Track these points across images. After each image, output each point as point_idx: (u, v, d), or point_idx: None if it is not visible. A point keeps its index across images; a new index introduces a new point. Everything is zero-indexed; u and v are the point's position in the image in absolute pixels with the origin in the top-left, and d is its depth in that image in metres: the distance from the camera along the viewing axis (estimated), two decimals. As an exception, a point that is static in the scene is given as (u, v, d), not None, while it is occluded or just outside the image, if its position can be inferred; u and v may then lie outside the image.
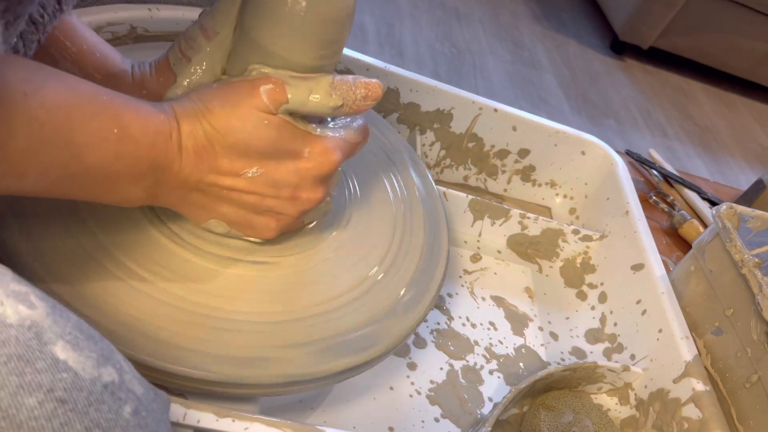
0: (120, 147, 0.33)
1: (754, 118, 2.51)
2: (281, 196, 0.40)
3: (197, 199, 0.39)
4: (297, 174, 0.40)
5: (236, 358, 0.39)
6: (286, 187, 0.40)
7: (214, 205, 0.40)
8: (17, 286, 0.25)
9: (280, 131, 0.38)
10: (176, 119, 0.36)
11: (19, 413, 0.23)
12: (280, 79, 0.38)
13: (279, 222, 0.42)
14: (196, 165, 0.37)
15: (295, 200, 0.41)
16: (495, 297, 0.67)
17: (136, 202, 0.37)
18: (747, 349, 0.55)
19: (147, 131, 0.34)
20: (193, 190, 0.38)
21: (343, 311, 0.45)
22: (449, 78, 1.90)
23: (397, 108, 0.70)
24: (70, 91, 0.31)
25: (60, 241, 0.40)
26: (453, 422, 0.54)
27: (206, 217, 0.41)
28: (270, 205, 0.40)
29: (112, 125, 0.33)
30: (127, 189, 0.35)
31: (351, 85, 0.40)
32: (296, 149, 0.39)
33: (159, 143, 0.35)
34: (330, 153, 0.40)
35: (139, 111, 0.34)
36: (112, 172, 0.34)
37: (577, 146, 0.76)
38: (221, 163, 0.37)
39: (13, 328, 0.24)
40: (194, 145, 0.36)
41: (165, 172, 0.36)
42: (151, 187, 0.36)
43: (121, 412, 0.26)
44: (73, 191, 0.34)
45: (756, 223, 0.64)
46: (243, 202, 0.40)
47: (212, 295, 0.41)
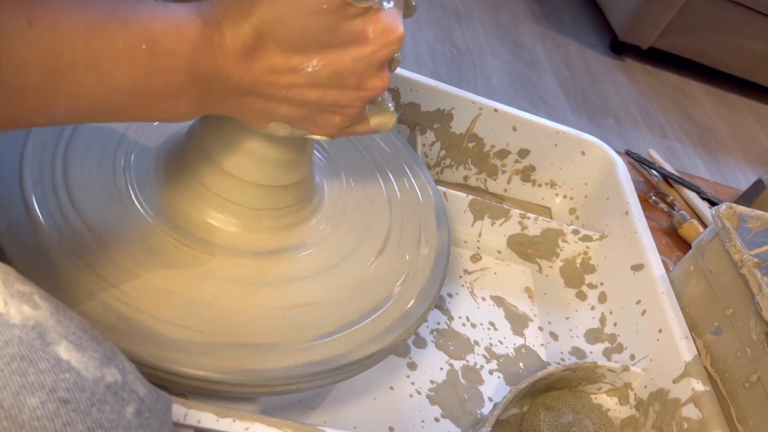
0: (152, 63, 0.30)
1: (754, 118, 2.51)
2: (345, 87, 0.36)
3: (254, 102, 0.35)
4: (362, 60, 0.35)
5: (236, 357, 0.39)
6: (351, 77, 0.35)
7: (272, 107, 0.36)
8: (21, 286, 0.25)
9: (340, 13, 0.33)
10: (217, 21, 0.32)
11: (21, 413, 0.23)
12: None
13: (344, 117, 0.38)
14: (247, 67, 0.33)
15: (361, 90, 0.36)
16: (495, 297, 0.67)
17: (187, 116, 0.34)
18: (746, 349, 0.55)
19: (182, 40, 0.31)
20: (247, 94, 0.35)
21: (343, 311, 0.45)
22: (449, 78, 1.90)
23: (397, 108, 0.71)
24: (83, 12, 0.28)
25: (60, 239, 0.40)
26: (453, 422, 0.54)
27: (266, 121, 0.37)
28: (333, 99, 0.36)
29: (140, 40, 0.29)
30: (172, 105, 0.32)
31: None
32: (358, 31, 0.34)
33: (198, 52, 0.31)
34: (394, 28, 0.35)
35: (170, 19, 0.31)
36: (148, 91, 0.31)
37: (576, 146, 0.76)
38: (275, 60, 0.33)
39: (16, 328, 0.24)
40: (242, 45, 0.32)
41: (212, 81, 0.33)
42: (199, 98, 0.33)
43: (124, 412, 0.26)
44: (111, 115, 0.31)
45: (755, 223, 0.64)
46: (304, 100, 0.36)
47: (210, 293, 0.41)
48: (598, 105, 2.13)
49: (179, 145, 0.45)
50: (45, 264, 0.38)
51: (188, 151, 0.44)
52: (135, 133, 0.48)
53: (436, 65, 1.94)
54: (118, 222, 0.42)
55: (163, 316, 0.39)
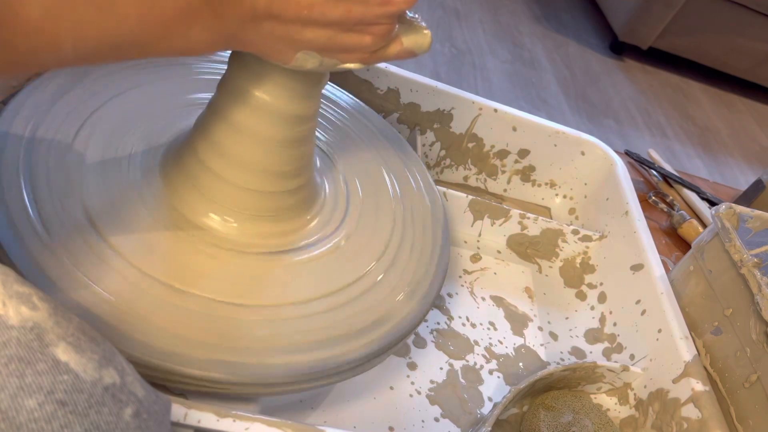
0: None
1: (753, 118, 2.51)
2: (371, 2, 0.34)
3: (274, 28, 0.33)
4: None
5: (236, 356, 0.39)
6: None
7: (295, 31, 0.34)
8: (20, 287, 0.25)
9: None
10: None
11: (19, 415, 0.23)
12: None
13: (374, 36, 0.36)
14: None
15: (387, 3, 0.34)
16: (495, 297, 0.67)
17: (206, 48, 0.32)
18: (746, 348, 0.55)
19: None
20: (266, 19, 0.32)
21: (343, 311, 0.45)
22: (449, 78, 1.90)
23: (397, 108, 0.70)
24: None
25: (61, 238, 0.40)
26: (453, 422, 0.54)
27: (292, 51, 0.35)
28: (360, 15, 0.34)
29: None
30: (186, 33, 0.30)
31: None
32: None
33: None
34: None
35: None
36: (155, 17, 0.29)
37: (576, 146, 0.76)
38: None
39: (14, 330, 0.24)
40: None
41: (225, 4, 0.31)
42: (213, 24, 0.31)
43: (122, 414, 0.26)
44: (120, 51, 0.29)
45: (755, 223, 0.64)
46: (327, 18, 0.33)
47: (212, 292, 0.41)
48: (598, 105, 2.13)
49: (177, 147, 0.46)
50: (45, 262, 0.38)
51: (184, 155, 0.44)
52: (140, 132, 0.48)
53: (436, 65, 1.94)
54: (120, 222, 0.42)
55: (163, 316, 0.39)
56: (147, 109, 0.50)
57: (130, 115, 0.49)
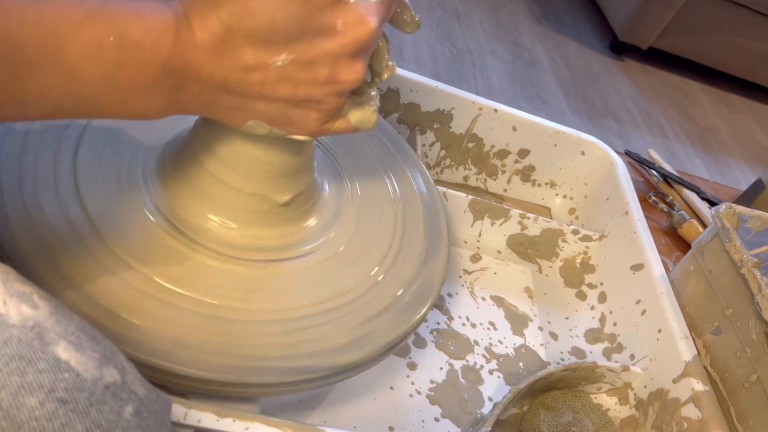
0: (120, 55, 0.30)
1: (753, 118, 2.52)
2: (317, 80, 0.35)
3: (227, 100, 0.35)
4: (332, 53, 0.35)
5: (236, 357, 0.39)
6: (322, 70, 0.35)
7: (246, 103, 0.36)
8: (21, 287, 0.25)
9: (307, 5, 0.33)
10: (185, 13, 0.32)
11: (20, 413, 0.23)
12: None
13: (320, 111, 0.38)
14: (217, 62, 0.33)
15: (333, 83, 0.36)
16: (495, 297, 0.67)
17: (160, 113, 0.34)
18: (746, 348, 0.55)
19: (150, 33, 0.30)
20: (220, 91, 0.34)
21: (343, 310, 0.45)
22: (449, 78, 1.90)
23: (397, 108, 0.71)
24: (50, 3, 0.28)
25: (61, 237, 0.40)
26: (453, 422, 0.54)
27: (243, 119, 0.37)
28: (307, 93, 0.36)
29: (107, 32, 0.29)
30: (143, 100, 0.32)
31: None
32: (327, 24, 0.34)
33: (166, 44, 0.31)
34: (365, 21, 0.34)
35: (138, 11, 0.31)
36: (117, 84, 0.30)
37: (576, 146, 0.76)
38: (245, 54, 0.33)
39: (15, 328, 0.24)
40: (211, 39, 0.32)
41: (183, 76, 0.32)
42: (170, 94, 0.33)
43: (123, 413, 0.26)
44: (81, 110, 0.31)
45: (755, 223, 0.64)
46: (277, 95, 0.35)
47: (212, 293, 0.41)
48: (598, 105, 2.13)
49: (176, 149, 0.45)
50: (44, 264, 0.38)
51: (183, 157, 0.44)
52: (141, 132, 0.48)
53: (436, 65, 1.94)
54: (118, 224, 0.42)
55: (163, 316, 0.39)
56: None
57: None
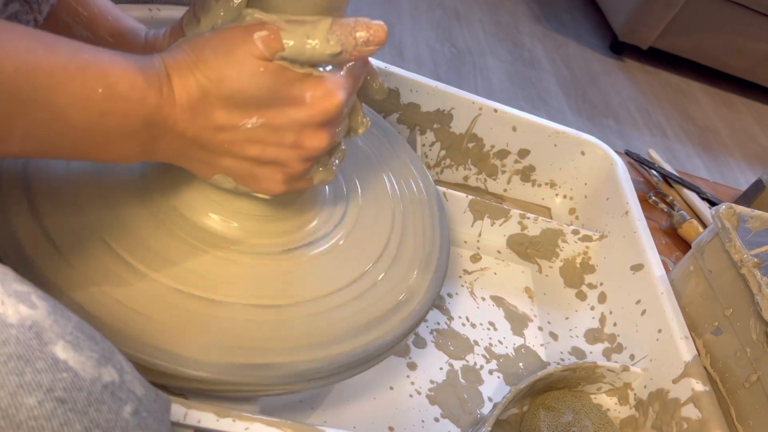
0: (106, 105, 0.32)
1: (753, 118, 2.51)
2: (284, 144, 0.38)
3: (198, 153, 0.38)
4: (299, 121, 0.37)
5: (236, 357, 0.39)
6: (288, 135, 0.38)
7: (215, 159, 0.38)
8: (19, 286, 0.25)
9: (278, 77, 0.36)
10: (167, 72, 0.35)
11: (18, 413, 0.23)
12: (274, 25, 0.35)
13: (285, 174, 0.40)
14: (191, 119, 0.35)
15: (299, 148, 0.38)
16: (495, 297, 0.67)
17: (133, 159, 0.36)
18: (746, 349, 0.55)
19: (135, 87, 0.33)
20: (192, 145, 0.37)
21: (343, 310, 0.45)
22: (449, 78, 1.90)
23: (397, 108, 0.71)
24: (47, 50, 0.30)
25: (60, 237, 0.40)
26: (453, 422, 0.54)
27: (211, 172, 0.39)
28: (273, 155, 0.38)
29: (97, 83, 0.31)
30: (121, 146, 0.34)
31: (351, 27, 0.36)
32: (297, 95, 0.37)
33: (149, 99, 0.33)
34: (333, 95, 0.37)
35: (126, 66, 0.33)
36: (100, 130, 0.32)
37: (576, 146, 0.76)
38: (218, 115, 0.36)
39: (13, 328, 0.24)
40: (188, 98, 0.35)
41: (160, 128, 0.35)
42: (146, 143, 0.35)
43: (121, 412, 0.26)
44: (62, 151, 0.33)
45: (755, 223, 0.64)
46: (244, 154, 0.38)
47: (212, 293, 0.41)
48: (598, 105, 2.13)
49: None
50: (44, 264, 0.38)
51: None
52: None
53: (436, 65, 1.94)
54: (119, 223, 0.42)
55: (163, 316, 0.39)
56: None
57: None
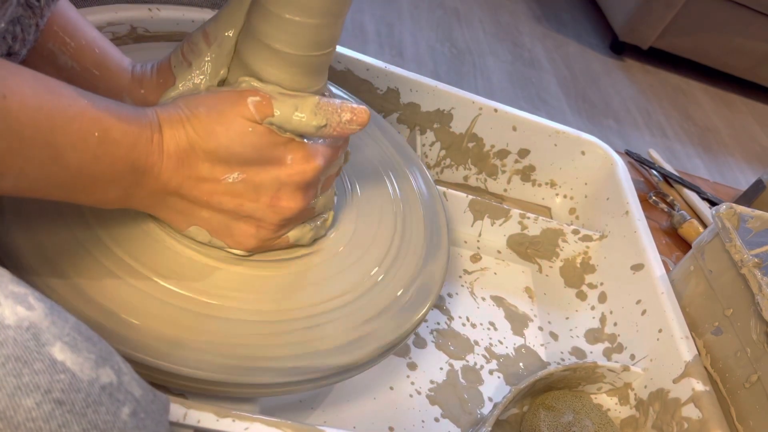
0: (100, 149, 0.33)
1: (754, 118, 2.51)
2: (260, 201, 0.40)
3: (176, 203, 0.39)
4: (278, 180, 0.40)
5: (236, 357, 0.39)
6: (266, 193, 0.40)
7: (193, 209, 0.40)
8: (16, 287, 0.25)
9: (263, 138, 0.38)
10: (159, 123, 0.37)
11: (16, 414, 0.23)
12: (267, 94, 0.38)
13: (259, 230, 0.42)
14: (176, 169, 0.37)
15: (275, 207, 0.41)
16: (495, 297, 0.67)
17: (113, 204, 0.37)
18: (747, 349, 0.55)
19: (128, 134, 0.35)
20: (172, 195, 0.39)
21: (343, 311, 0.45)
22: (449, 78, 1.90)
23: (397, 108, 0.70)
24: (50, 94, 0.32)
25: (59, 236, 0.40)
26: (453, 422, 0.54)
27: (187, 223, 0.41)
28: (249, 211, 0.40)
29: (93, 128, 0.33)
30: (105, 190, 0.36)
31: (337, 107, 0.40)
32: (278, 156, 0.39)
33: (140, 146, 0.35)
34: (312, 160, 0.40)
35: (121, 114, 0.35)
36: (91, 173, 0.34)
37: (576, 146, 0.76)
38: (202, 167, 0.38)
39: (11, 329, 0.24)
40: (176, 149, 0.37)
41: (145, 175, 0.36)
42: (129, 188, 0.37)
43: (119, 413, 0.26)
44: (51, 192, 0.34)
45: (755, 223, 0.64)
46: (222, 207, 0.40)
47: (212, 294, 0.41)
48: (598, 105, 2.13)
49: None
50: (42, 265, 0.38)
51: None
52: None
53: (436, 65, 1.94)
54: (117, 225, 0.42)
55: (162, 316, 0.39)
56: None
57: None
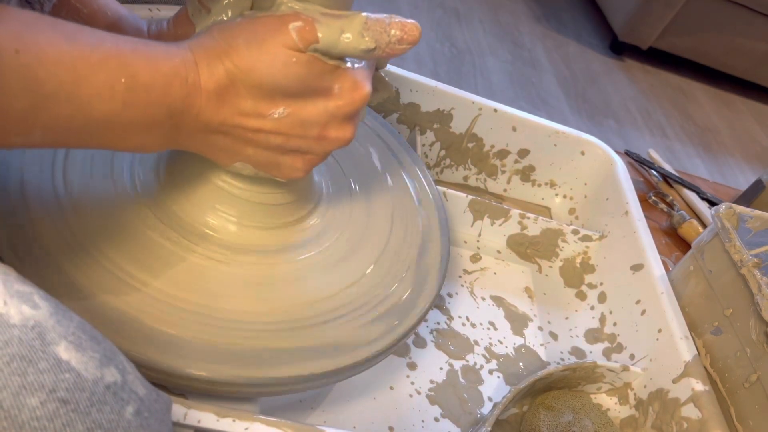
0: (129, 96, 0.31)
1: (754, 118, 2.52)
2: (309, 136, 0.38)
3: (221, 141, 0.37)
4: (326, 112, 0.37)
5: (236, 357, 0.39)
6: (314, 127, 0.37)
7: (238, 147, 0.38)
8: (21, 286, 0.25)
9: (309, 68, 0.35)
10: (194, 60, 0.34)
11: (21, 413, 0.23)
12: (310, 17, 0.35)
13: (306, 162, 0.40)
14: (217, 107, 0.35)
15: (323, 140, 0.38)
16: (495, 297, 0.67)
17: (155, 148, 0.36)
18: (746, 348, 0.55)
19: (159, 77, 0.32)
20: (215, 133, 0.36)
21: (343, 310, 0.45)
22: (449, 78, 1.90)
23: (397, 108, 0.71)
24: (69, 43, 0.29)
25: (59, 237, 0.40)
26: (453, 422, 0.54)
27: (232, 160, 0.39)
28: (297, 145, 0.38)
29: (120, 74, 0.31)
30: (143, 136, 0.34)
31: (385, 24, 0.36)
32: (325, 86, 0.36)
33: (174, 88, 0.33)
34: (360, 87, 0.37)
35: (150, 55, 0.32)
36: (122, 121, 0.32)
37: (576, 146, 0.76)
38: (245, 104, 0.35)
39: (16, 329, 0.24)
40: (215, 86, 0.34)
41: (183, 117, 0.34)
42: (169, 133, 0.34)
43: (123, 412, 0.26)
44: (83, 142, 0.32)
45: (755, 223, 0.64)
46: (269, 143, 0.37)
47: (210, 293, 0.41)
48: (598, 105, 2.13)
49: (175, 151, 0.45)
50: (43, 261, 0.38)
51: (182, 160, 0.44)
52: None
53: (436, 65, 1.94)
54: (117, 226, 0.42)
55: (163, 315, 0.39)
56: None
57: None
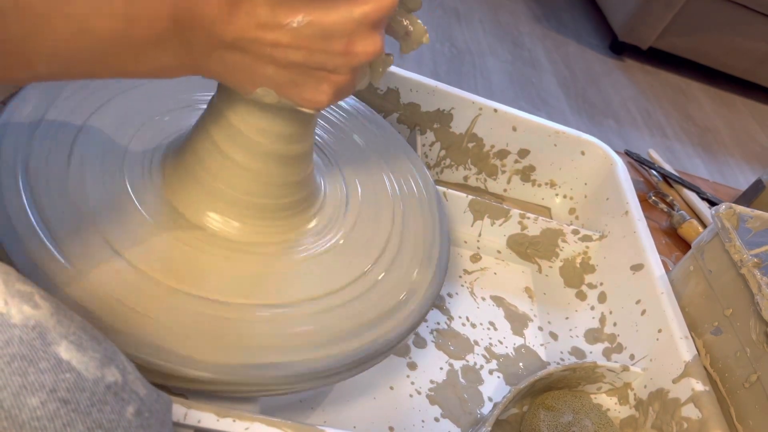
0: (130, 9, 0.29)
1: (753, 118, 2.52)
2: (333, 51, 0.34)
3: (239, 60, 0.34)
4: (351, 20, 0.33)
5: (236, 356, 0.39)
6: (339, 38, 0.34)
7: (257, 65, 0.35)
8: (22, 286, 0.25)
9: None
10: None
11: (21, 413, 0.23)
12: None
13: (332, 83, 0.36)
14: (230, 17, 0.32)
15: (349, 54, 0.35)
16: (495, 297, 0.67)
17: (173, 73, 0.33)
18: (746, 348, 0.55)
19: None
20: (231, 49, 0.33)
21: (343, 310, 0.45)
22: (449, 78, 1.90)
23: (397, 108, 0.71)
24: None
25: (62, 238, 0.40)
26: (453, 422, 0.54)
27: (253, 84, 0.36)
28: (321, 61, 0.34)
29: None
30: (154, 56, 0.32)
31: None
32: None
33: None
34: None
35: None
36: (128, 39, 0.30)
37: (576, 146, 0.76)
38: (260, 12, 0.32)
39: (17, 328, 0.24)
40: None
41: (194, 31, 0.31)
42: (181, 52, 0.32)
43: (124, 412, 0.26)
44: (94, 68, 0.31)
45: (755, 223, 0.64)
46: (289, 60, 0.34)
47: (212, 293, 0.41)
48: (598, 105, 2.13)
49: (178, 147, 0.46)
50: (44, 263, 0.38)
51: (184, 155, 0.44)
52: (140, 132, 0.48)
53: (436, 65, 1.94)
54: (119, 222, 0.42)
55: (163, 315, 0.39)
56: (147, 108, 0.50)
57: (131, 114, 0.49)
